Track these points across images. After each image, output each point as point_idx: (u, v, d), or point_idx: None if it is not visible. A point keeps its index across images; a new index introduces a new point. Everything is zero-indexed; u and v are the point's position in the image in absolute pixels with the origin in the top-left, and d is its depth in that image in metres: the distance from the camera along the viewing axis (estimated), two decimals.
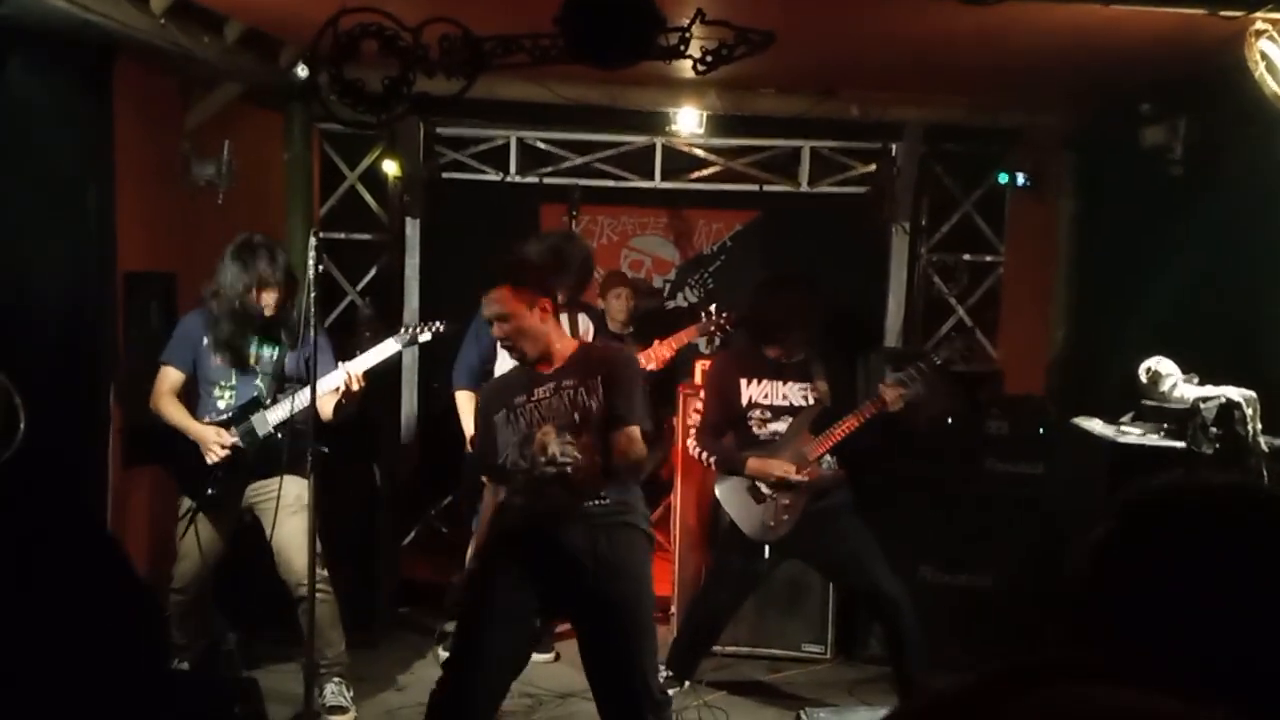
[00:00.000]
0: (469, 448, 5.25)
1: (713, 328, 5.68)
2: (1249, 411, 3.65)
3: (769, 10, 3.70)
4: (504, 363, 5.21)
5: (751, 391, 4.84)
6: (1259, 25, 3.40)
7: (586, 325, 5.38)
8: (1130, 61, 4.45)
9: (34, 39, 4.35)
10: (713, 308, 5.78)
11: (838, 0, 3.78)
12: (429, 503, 6.92)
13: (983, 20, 3.63)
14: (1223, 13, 3.18)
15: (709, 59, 3.33)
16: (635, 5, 3.28)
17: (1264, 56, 3.48)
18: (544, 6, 3.32)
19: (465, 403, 5.41)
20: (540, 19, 3.36)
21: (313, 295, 4.22)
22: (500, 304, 3.74)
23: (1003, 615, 5.14)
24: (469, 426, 5.19)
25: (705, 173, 7.30)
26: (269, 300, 4.65)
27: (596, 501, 3.76)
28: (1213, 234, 4.85)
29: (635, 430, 3.79)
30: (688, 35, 3.28)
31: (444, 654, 5.38)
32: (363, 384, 4.68)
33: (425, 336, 4.89)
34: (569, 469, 3.56)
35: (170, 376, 4.74)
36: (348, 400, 4.69)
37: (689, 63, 3.40)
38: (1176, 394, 3.95)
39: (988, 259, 7.26)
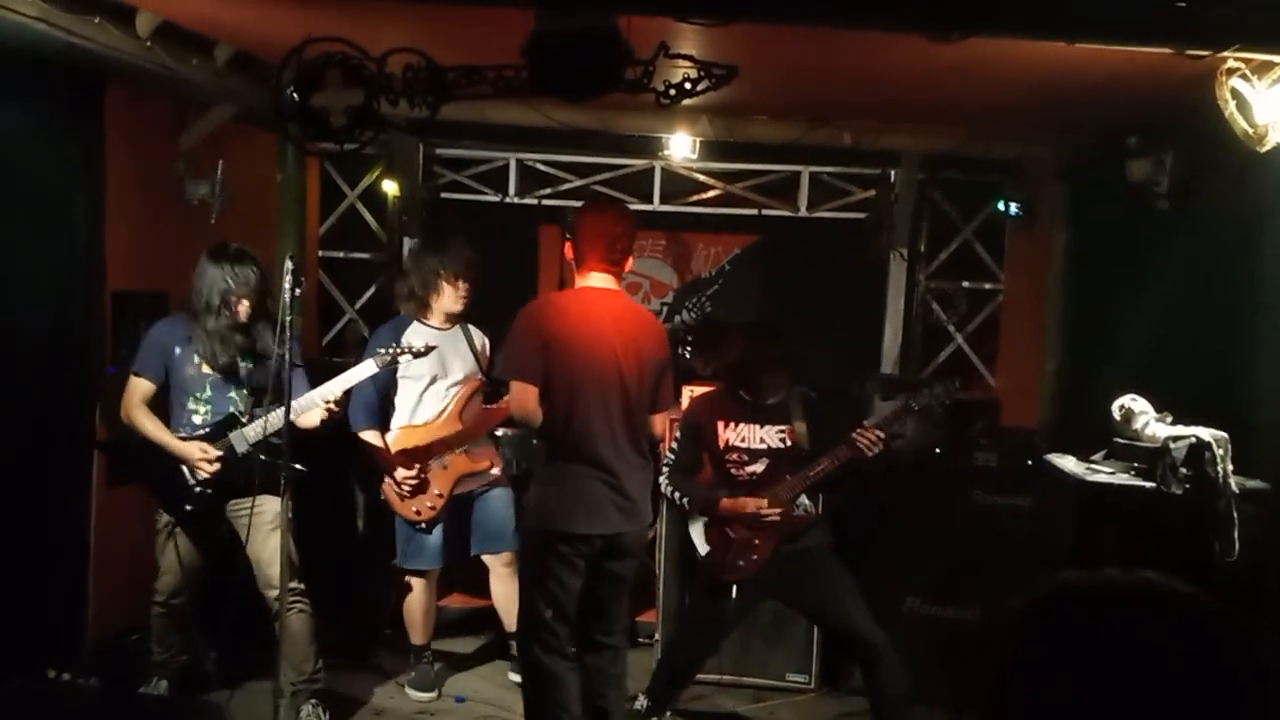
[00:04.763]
0: (385, 489, 5.28)
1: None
2: (1219, 452, 3.60)
3: (739, 44, 3.69)
4: (404, 395, 5.32)
5: (729, 435, 4.81)
6: (1230, 64, 3.37)
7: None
8: (1112, 95, 4.41)
9: (22, 63, 4.38)
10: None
11: (809, 35, 3.74)
12: None
13: (960, 54, 3.61)
14: (1189, 52, 3.14)
15: (672, 92, 3.32)
16: (601, 39, 3.27)
17: (1235, 94, 3.45)
18: (511, 37, 3.33)
19: (375, 440, 5.30)
20: (508, 49, 3.37)
21: (289, 318, 4.24)
22: None
23: (988, 649, 5.07)
24: (386, 462, 5.22)
25: (704, 196, 7.29)
26: (243, 308, 4.64)
27: None
28: (1194, 270, 4.80)
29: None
30: (651, 69, 3.27)
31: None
32: (340, 406, 4.74)
33: (406, 359, 4.88)
34: None
35: (141, 388, 4.68)
36: (331, 415, 4.73)
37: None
38: (1148, 432, 3.89)
39: (987, 287, 7.20)
